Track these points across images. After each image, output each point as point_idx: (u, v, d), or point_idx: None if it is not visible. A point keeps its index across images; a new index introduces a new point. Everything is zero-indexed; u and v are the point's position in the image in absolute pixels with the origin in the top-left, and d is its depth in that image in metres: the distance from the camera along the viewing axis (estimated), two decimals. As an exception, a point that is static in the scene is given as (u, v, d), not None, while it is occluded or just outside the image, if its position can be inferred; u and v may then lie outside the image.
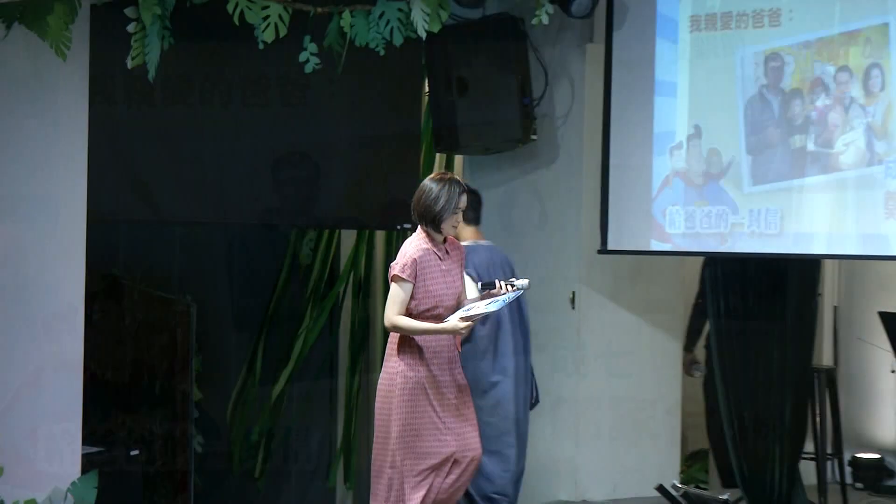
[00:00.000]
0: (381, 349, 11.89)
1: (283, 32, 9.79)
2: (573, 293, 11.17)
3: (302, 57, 9.86)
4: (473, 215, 10.02)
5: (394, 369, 8.09)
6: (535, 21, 10.40)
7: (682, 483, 8.46)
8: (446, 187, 8.13)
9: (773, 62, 9.99)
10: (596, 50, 10.97)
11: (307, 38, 9.87)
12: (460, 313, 8.00)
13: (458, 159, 11.85)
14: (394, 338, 8.17)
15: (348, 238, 12.09)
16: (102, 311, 10.58)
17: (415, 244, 8.13)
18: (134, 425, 11.33)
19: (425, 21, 10.17)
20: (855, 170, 9.69)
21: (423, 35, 10.25)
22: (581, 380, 11.19)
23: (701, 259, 10.84)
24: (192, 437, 11.37)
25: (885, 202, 9.56)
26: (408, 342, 8.09)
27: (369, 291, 12.27)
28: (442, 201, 8.10)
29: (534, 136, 10.99)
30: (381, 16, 10.14)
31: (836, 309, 12.54)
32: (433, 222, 8.12)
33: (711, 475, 12.06)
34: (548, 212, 11.29)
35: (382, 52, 10.15)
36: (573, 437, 11.20)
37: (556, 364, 11.21)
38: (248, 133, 10.49)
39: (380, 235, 12.16)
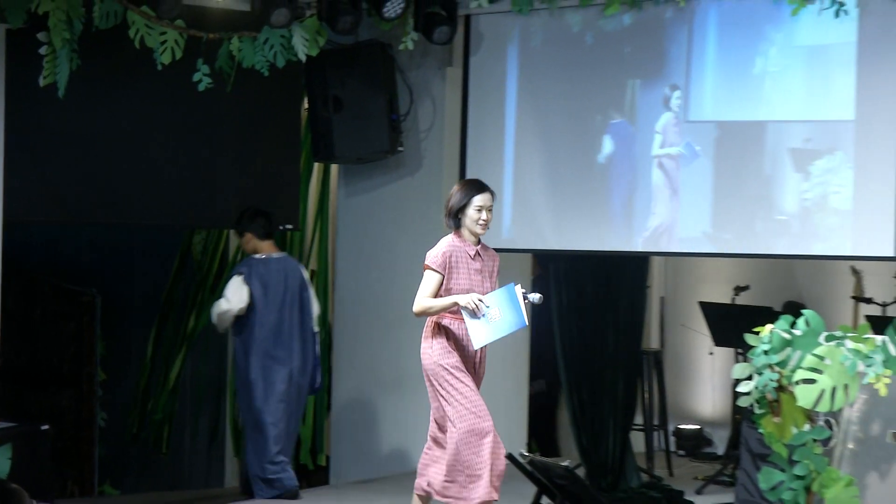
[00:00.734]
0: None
1: (178, 55, 9.85)
2: (434, 286, 11.25)
3: (195, 77, 9.86)
4: (264, 231, 10.28)
5: (430, 358, 7.97)
6: (401, 47, 10.55)
7: (529, 452, 8.60)
8: (463, 189, 7.98)
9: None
10: (454, 73, 11.06)
11: (200, 60, 9.88)
12: (482, 297, 7.73)
13: (334, 168, 11.89)
14: (428, 328, 8.00)
15: (234, 236, 12.11)
16: (16, 302, 10.56)
17: (446, 241, 7.94)
18: (44, 403, 11.34)
19: (305, 46, 10.27)
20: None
21: (303, 58, 10.36)
22: (441, 361, 11.27)
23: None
24: (97, 413, 11.40)
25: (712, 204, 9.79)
26: (438, 333, 7.93)
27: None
28: (454, 199, 7.93)
29: (400, 148, 11.06)
30: (265, 41, 10.20)
31: (662, 299, 12.67)
32: (453, 219, 7.94)
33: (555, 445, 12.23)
34: (412, 213, 11.35)
35: (267, 73, 10.22)
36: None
37: (420, 346, 11.27)
38: (148, 144, 10.50)
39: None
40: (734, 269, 12.04)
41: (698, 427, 12.54)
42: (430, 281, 7.83)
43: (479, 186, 7.96)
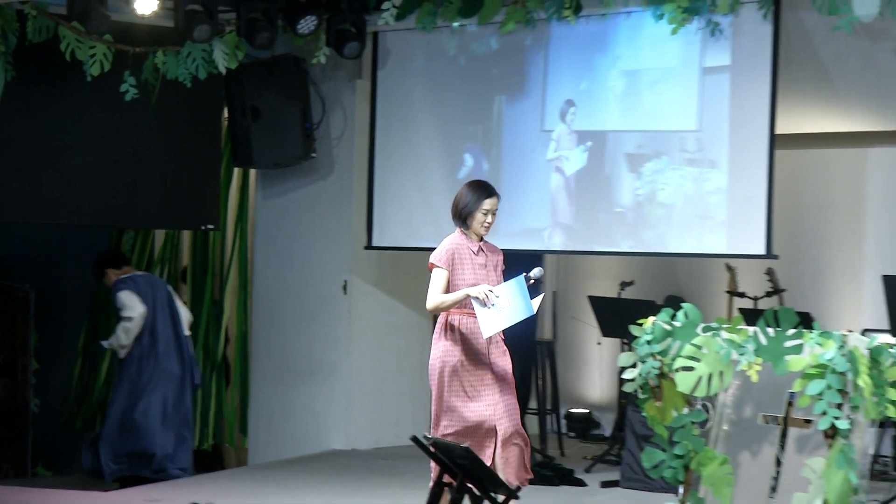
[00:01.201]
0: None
1: (107, 67, 9.82)
2: (345, 281, 11.27)
3: (123, 88, 9.85)
4: (118, 261, 10.62)
5: (435, 355, 7.59)
6: (314, 61, 10.57)
7: (432, 434, 8.62)
8: (471, 191, 7.64)
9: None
10: (363, 85, 11.09)
11: (127, 72, 9.88)
12: (493, 287, 7.43)
13: (253, 172, 11.86)
14: (438, 325, 7.65)
15: (160, 235, 12.06)
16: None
17: (450, 239, 7.65)
18: (-20, 392, 11.23)
19: (225, 59, 10.27)
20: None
21: (224, 71, 10.35)
22: (351, 350, 11.30)
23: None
24: (31, 400, 11.30)
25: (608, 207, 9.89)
26: (447, 329, 7.57)
27: (178, 277, 12.27)
28: (464, 201, 7.59)
29: (313, 154, 11.08)
30: (188, 55, 10.19)
31: (554, 293, 12.73)
32: (461, 220, 7.61)
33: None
34: (325, 215, 11.36)
35: (189, 85, 10.20)
36: (345, 397, 11.29)
37: (331, 338, 11.29)
38: (78, 150, 10.42)
39: (186, 234, 12.17)
40: (620, 266, 12.12)
41: (587, 411, 12.60)
42: (438, 278, 7.54)
43: (488, 191, 7.66)
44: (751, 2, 9.09)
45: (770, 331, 5.80)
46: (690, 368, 5.88)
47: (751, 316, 7.33)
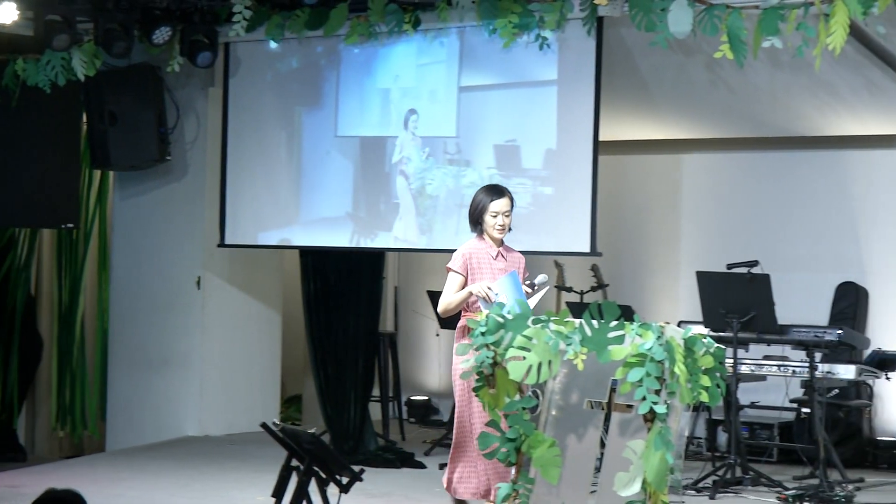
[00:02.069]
0: (51, 323, 11.76)
1: (-33, 74, 9.62)
2: (199, 277, 11.17)
3: (-16, 94, 9.67)
4: None
5: (455, 361, 7.10)
6: (169, 69, 10.45)
7: (280, 421, 8.58)
8: (481, 194, 7.23)
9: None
10: (216, 92, 11.00)
11: (-14, 79, 9.70)
12: (490, 284, 7.00)
13: (111, 174, 11.70)
14: (457, 331, 7.20)
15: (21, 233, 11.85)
16: None
17: (467, 243, 7.26)
18: None
19: (83, 67, 10.15)
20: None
21: (82, 78, 10.21)
22: (204, 342, 11.21)
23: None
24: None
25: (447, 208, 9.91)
26: (463, 333, 7.05)
27: (41, 274, 12.08)
28: (473, 205, 7.21)
29: (168, 157, 10.97)
30: (48, 62, 10.04)
31: (396, 288, 12.75)
32: (473, 223, 7.24)
33: (304, 414, 12.22)
34: (179, 214, 11.25)
35: (49, 91, 10.04)
36: (198, 385, 11.20)
37: (185, 330, 11.20)
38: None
39: (47, 233, 11.96)
40: (457, 263, 12.16)
41: (427, 398, 12.65)
42: (451, 281, 7.15)
43: (495, 192, 7.24)
44: (576, 19, 9.16)
45: (594, 323, 5.84)
46: (522, 358, 5.90)
47: (577, 309, 7.40)
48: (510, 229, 7.29)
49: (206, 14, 10.32)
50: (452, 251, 7.31)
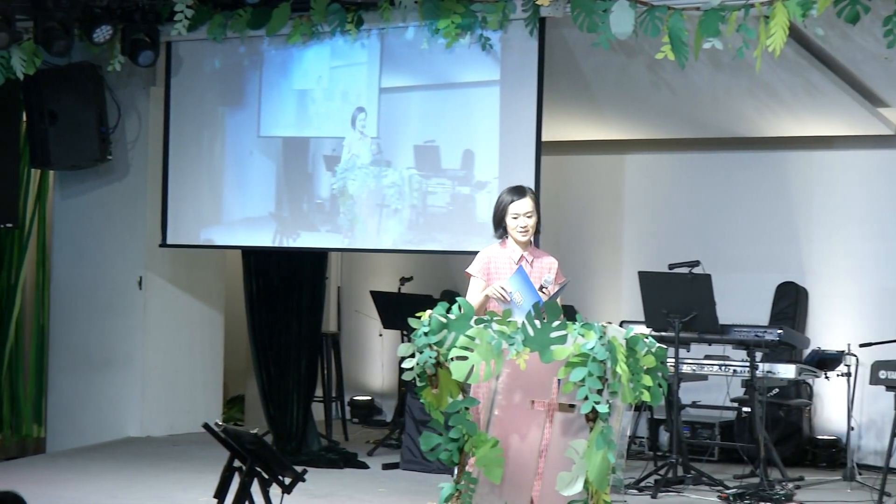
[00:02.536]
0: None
1: None
2: (140, 277, 11.11)
3: (-82, 91, 9.57)
4: None
5: None
6: (110, 68, 10.39)
7: (223, 422, 8.54)
8: (504, 194, 6.87)
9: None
10: (157, 91, 10.94)
11: (-78, 77, 9.60)
12: (503, 284, 6.60)
13: (52, 173, 11.61)
14: None
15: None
16: None
17: (488, 248, 6.91)
18: None
19: (22, 66, 10.06)
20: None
21: (21, 77, 10.11)
22: (146, 342, 11.14)
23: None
24: None
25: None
26: None
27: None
28: (495, 208, 6.85)
29: (109, 157, 10.90)
30: (-14, 61, 9.94)
31: (339, 288, 12.72)
32: (496, 226, 6.86)
33: (246, 415, 12.18)
34: (121, 214, 11.18)
35: (-13, 89, 9.97)
36: (140, 386, 11.13)
37: (126, 330, 11.13)
38: None
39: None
40: (400, 263, 12.17)
41: (370, 398, 12.63)
42: (471, 287, 6.79)
43: (516, 193, 6.85)
44: (518, 19, 9.19)
45: (537, 322, 5.86)
46: (464, 358, 5.91)
47: (520, 308, 7.39)
48: (538, 231, 6.93)
49: (147, 13, 10.27)
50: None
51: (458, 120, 9.62)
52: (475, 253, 6.98)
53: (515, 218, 6.77)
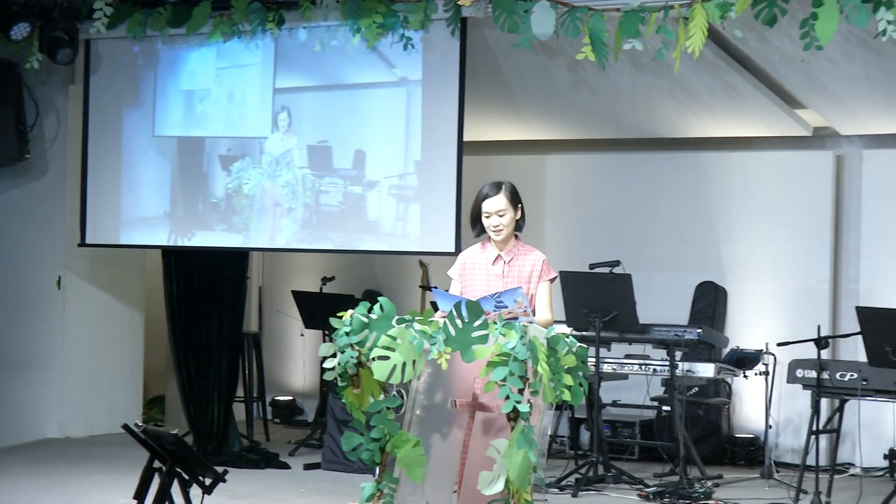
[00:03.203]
0: None
1: None
2: (59, 277, 11.00)
3: None
4: None
5: None
6: (27, 66, 10.28)
7: (143, 423, 8.47)
8: (482, 188, 6.63)
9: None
10: (76, 90, 10.84)
11: None
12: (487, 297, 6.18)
13: (-33, 173, 11.48)
14: None
15: None
16: None
17: (469, 249, 6.70)
18: None
19: (-62, 63, 9.92)
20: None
21: (-63, 74, 9.99)
22: (65, 342, 11.04)
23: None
24: None
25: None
26: None
27: None
28: (474, 200, 6.61)
29: (27, 156, 10.80)
30: None
31: (260, 288, 12.69)
32: (472, 223, 6.62)
33: (167, 415, 12.09)
34: (39, 213, 11.07)
35: None
36: (59, 386, 11.03)
37: (45, 330, 11.02)
38: None
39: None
40: (322, 262, 12.15)
41: (291, 398, 12.61)
42: (451, 290, 6.64)
43: (491, 188, 6.61)
44: (440, 19, 9.20)
45: (458, 322, 5.86)
46: (386, 357, 5.89)
47: (441, 308, 7.40)
48: (520, 229, 6.64)
49: (66, 10, 10.17)
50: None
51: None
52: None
53: (488, 217, 6.55)
